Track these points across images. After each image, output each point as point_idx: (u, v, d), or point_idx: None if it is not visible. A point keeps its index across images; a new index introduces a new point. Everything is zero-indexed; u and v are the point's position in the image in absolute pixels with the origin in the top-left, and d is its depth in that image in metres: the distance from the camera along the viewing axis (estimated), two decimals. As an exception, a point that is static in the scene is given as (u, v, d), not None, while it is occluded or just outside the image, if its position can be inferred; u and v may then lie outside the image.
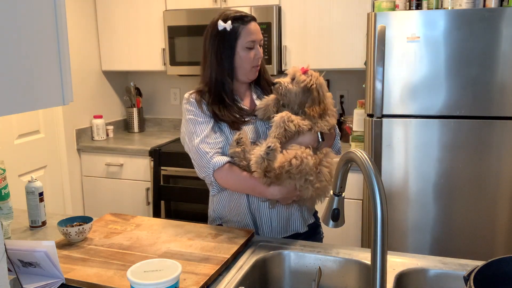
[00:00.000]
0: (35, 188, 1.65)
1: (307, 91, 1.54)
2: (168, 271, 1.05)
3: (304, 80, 1.53)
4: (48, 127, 3.09)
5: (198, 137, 1.59)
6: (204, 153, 1.57)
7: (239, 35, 1.60)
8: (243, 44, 1.60)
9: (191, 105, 1.66)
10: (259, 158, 1.44)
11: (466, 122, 2.34)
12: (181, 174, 2.99)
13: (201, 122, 1.62)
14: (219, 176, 1.58)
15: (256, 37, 1.62)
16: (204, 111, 1.63)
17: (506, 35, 2.22)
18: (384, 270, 0.96)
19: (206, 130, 1.60)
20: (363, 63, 2.68)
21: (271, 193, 1.52)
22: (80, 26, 3.30)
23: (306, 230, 1.69)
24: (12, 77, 0.84)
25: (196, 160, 1.60)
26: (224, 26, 1.60)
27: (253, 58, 1.62)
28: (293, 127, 1.51)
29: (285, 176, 1.48)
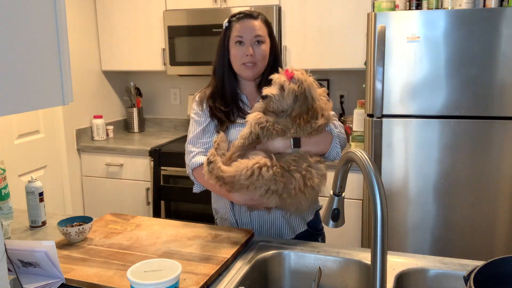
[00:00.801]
0: (35, 188, 1.65)
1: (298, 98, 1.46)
2: (168, 271, 1.05)
3: (293, 89, 1.44)
4: (48, 127, 3.09)
5: (189, 136, 1.69)
6: (188, 151, 1.66)
7: (231, 31, 1.63)
8: (232, 39, 1.62)
9: (194, 103, 1.73)
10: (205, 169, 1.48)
11: (466, 122, 2.34)
12: (181, 174, 2.99)
13: (197, 121, 1.68)
14: (196, 175, 1.65)
15: (244, 33, 1.60)
16: (203, 109, 1.68)
17: (506, 35, 2.22)
18: (384, 270, 0.96)
19: (198, 129, 1.67)
20: (363, 63, 2.68)
21: (234, 199, 1.56)
22: (80, 26, 3.30)
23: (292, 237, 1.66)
24: (12, 77, 0.84)
25: (185, 158, 1.70)
26: (224, 25, 1.67)
27: (241, 55, 1.61)
28: (258, 130, 1.46)
29: (238, 185, 1.44)
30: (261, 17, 1.65)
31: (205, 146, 1.65)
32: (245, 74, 1.65)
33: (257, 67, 1.64)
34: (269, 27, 1.67)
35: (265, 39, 1.64)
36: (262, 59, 1.64)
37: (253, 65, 1.62)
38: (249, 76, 1.65)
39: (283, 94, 1.46)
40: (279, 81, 1.47)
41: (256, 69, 1.64)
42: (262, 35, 1.62)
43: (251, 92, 1.71)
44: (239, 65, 1.63)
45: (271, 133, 1.47)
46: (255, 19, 1.63)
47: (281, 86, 1.46)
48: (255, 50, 1.61)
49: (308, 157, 1.48)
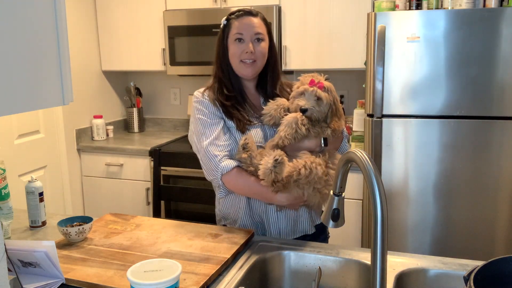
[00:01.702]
0: (35, 188, 1.65)
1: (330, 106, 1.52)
2: (168, 271, 1.05)
3: (327, 99, 1.50)
4: (48, 127, 3.09)
5: (207, 139, 1.57)
6: (212, 156, 1.56)
7: (230, 29, 1.61)
8: (231, 36, 1.60)
9: (201, 104, 1.63)
10: (267, 170, 1.42)
11: (466, 122, 2.34)
12: (181, 174, 2.99)
13: (211, 124, 1.59)
14: (227, 180, 1.57)
15: (244, 30, 1.58)
16: (214, 111, 1.61)
17: (506, 35, 2.22)
18: (384, 270, 0.96)
19: (216, 131, 1.58)
20: (363, 63, 2.68)
21: (279, 200, 1.52)
22: (80, 26, 3.30)
23: (314, 231, 1.67)
24: (12, 77, 0.84)
25: (205, 162, 1.59)
26: (222, 23, 1.64)
27: (240, 52, 1.58)
28: (304, 131, 1.48)
29: (293, 185, 1.46)
30: (260, 15, 1.63)
31: (228, 148, 1.58)
32: (244, 72, 1.61)
33: (257, 65, 1.61)
34: (268, 26, 1.65)
35: (264, 37, 1.62)
36: (261, 57, 1.61)
37: (253, 62, 1.60)
38: (248, 74, 1.62)
39: (320, 103, 1.50)
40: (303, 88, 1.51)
41: (255, 67, 1.61)
42: (262, 32, 1.60)
43: (252, 93, 1.69)
44: (237, 63, 1.60)
45: (311, 134, 1.51)
46: (255, 16, 1.61)
47: (317, 97, 1.49)
48: (255, 47, 1.58)
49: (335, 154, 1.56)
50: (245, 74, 1.62)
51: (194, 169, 2.85)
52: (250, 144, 1.53)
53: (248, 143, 1.52)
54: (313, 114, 1.50)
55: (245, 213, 1.63)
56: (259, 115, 1.63)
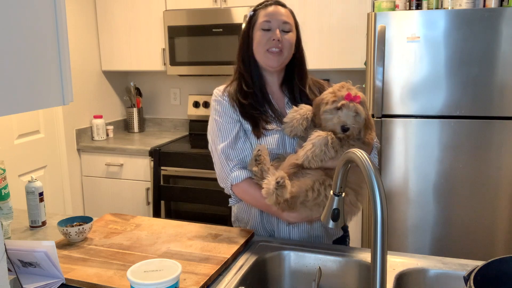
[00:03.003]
0: (35, 188, 1.65)
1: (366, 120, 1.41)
2: (168, 271, 1.05)
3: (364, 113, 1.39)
4: (48, 127, 3.09)
5: (221, 143, 1.52)
6: (225, 163, 1.51)
7: (257, 18, 1.54)
8: (258, 25, 1.53)
9: (219, 104, 1.57)
10: (269, 190, 1.35)
11: (466, 122, 2.34)
12: (181, 174, 2.99)
13: (226, 127, 1.53)
14: (236, 191, 1.53)
15: (272, 17, 1.51)
16: (231, 113, 1.54)
17: (506, 35, 2.22)
18: (384, 270, 0.96)
19: (231, 136, 1.52)
20: (363, 63, 2.68)
21: (286, 218, 1.46)
22: (80, 26, 3.30)
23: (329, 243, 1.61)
24: (12, 77, 0.84)
25: (217, 168, 1.55)
26: (248, 14, 1.58)
27: (266, 40, 1.50)
28: (333, 154, 1.37)
29: (300, 206, 1.39)
30: (288, 8, 1.59)
31: (242, 155, 1.52)
32: (269, 62, 1.52)
33: (283, 55, 1.52)
34: (295, 19, 1.59)
35: (292, 28, 1.55)
36: (288, 47, 1.53)
37: (279, 52, 1.51)
38: (274, 64, 1.52)
39: (358, 119, 1.39)
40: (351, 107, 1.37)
41: (281, 57, 1.52)
42: (289, 22, 1.54)
43: (276, 92, 1.60)
44: (263, 52, 1.51)
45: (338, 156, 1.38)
46: (283, 6, 1.56)
47: (356, 112, 1.38)
48: (282, 36, 1.50)
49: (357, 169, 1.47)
50: (270, 65, 1.53)
51: (194, 169, 2.85)
52: (262, 157, 1.45)
53: (261, 155, 1.44)
54: (353, 132, 1.39)
55: (256, 221, 1.59)
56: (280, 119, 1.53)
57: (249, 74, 1.56)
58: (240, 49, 1.58)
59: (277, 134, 1.52)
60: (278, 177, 1.33)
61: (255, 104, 1.54)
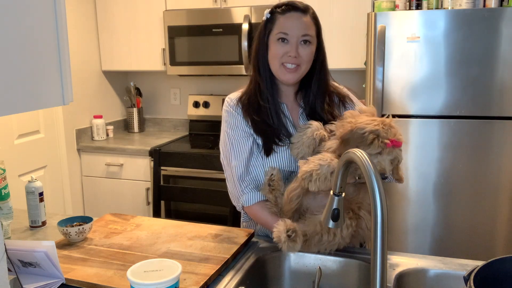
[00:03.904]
0: (35, 188, 1.65)
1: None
2: (168, 271, 1.05)
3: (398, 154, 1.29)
4: (48, 127, 3.09)
5: (234, 160, 1.45)
6: (237, 183, 1.46)
7: (274, 25, 1.41)
8: (274, 35, 1.40)
9: (231, 116, 1.48)
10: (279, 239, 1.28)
11: (466, 122, 2.34)
12: (181, 174, 2.99)
13: (239, 142, 1.46)
14: (248, 212, 1.52)
15: (290, 30, 1.37)
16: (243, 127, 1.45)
17: (506, 35, 2.22)
18: (384, 270, 0.96)
19: (244, 153, 1.44)
20: (363, 63, 2.68)
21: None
22: (80, 26, 3.30)
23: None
24: (12, 77, 0.84)
25: (229, 185, 1.51)
26: (265, 15, 1.44)
27: (282, 53, 1.38)
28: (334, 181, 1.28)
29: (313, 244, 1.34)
30: (311, 13, 1.43)
31: (252, 175, 1.46)
32: (284, 77, 1.42)
33: (300, 71, 1.42)
34: (318, 25, 1.45)
35: (313, 39, 1.42)
36: (307, 62, 1.42)
37: (296, 67, 1.40)
38: (289, 80, 1.43)
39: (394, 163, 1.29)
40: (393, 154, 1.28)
41: (298, 73, 1.42)
42: (310, 34, 1.40)
43: (291, 101, 1.50)
44: (278, 65, 1.40)
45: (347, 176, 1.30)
46: (304, 14, 1.40)
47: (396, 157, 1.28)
48: (300, 50, 1.39)
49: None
50: (285, 80, 1.43)
51: (194, 169, 2.85)
52: (276, 182, 1.38)
53: (274, 180, 1.38)
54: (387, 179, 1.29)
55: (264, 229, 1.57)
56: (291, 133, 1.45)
57: (264, 83, 1.45)
58: (255, 55, 1.47)
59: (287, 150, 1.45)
60: (289, 230, 1.26)
61: (268, 120, 1.45)
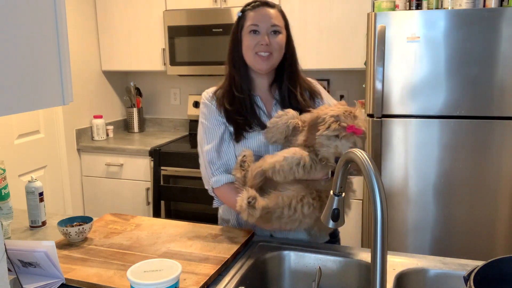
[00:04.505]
0: (35, 188, 1.65)
1: None
2: (168, 271, 1.05)
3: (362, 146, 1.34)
4: (48, 127, 3.09)
5: (206, 145, 1.56)
6: (208, 166, 1.55)
7: (245, 20, 1.53)
8: (246, 28, 1.52)
9: (206, 107, 1.60)
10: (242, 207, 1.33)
11: (466, 122, 2.34)
12: (181, 174, 2.99)
13: (212, 129, 1.56)
14: (217, 193, 1.58)
15: (259, 21, 1.50)
16: (217, 116, 1.56)
17: (506, 35, 2.22)
18: (384, 270, 0.96)
19: (216, 139, 1.55)
20: (363, 63, 2.68)
21: (263, 226, 1.47)
22: (80, 26, 3.30)
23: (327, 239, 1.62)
24: (12, 77, 0.84)
25: (202, 170, 1.60)
26: (238, 15, 1.57)
27: (254, 43, 1.50)
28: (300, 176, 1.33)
29: (274, 219, 1.38)
30: (277, 7, 1.56)
31: (223, 160, 1.55)
32: (259, 66, 1.52)
33: (272, 58, 1.53)
34: (286, 19, 1.57)
35: (281, 29, 1.54)
36: (278, 49, 1.53)
37: (269, 55, 1.51)
38: (263, 68, 1.53)
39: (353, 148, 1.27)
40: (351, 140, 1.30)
41: (271, 61, 1.52)
42: (279, 24, 1.53)
43: (265, 93, 1.60)
44: (252, 55, 1.51)
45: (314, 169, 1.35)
46: (272, 7, 1.54)
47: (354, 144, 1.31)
48: (271, 39, 1.51)
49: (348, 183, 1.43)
50: (260, 68, 1.54)
51: (194, 169, 2.84)
52: (247, 163, 1.44)
53: (246, 162, 1.44)
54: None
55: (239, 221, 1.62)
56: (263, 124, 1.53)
57: (238, 76, 1.56)
58: (229, 51, 1.58)
59: (260, 136, 1.54)
60: (250, 197, 1.32)
61: (240, 110, 1.55)
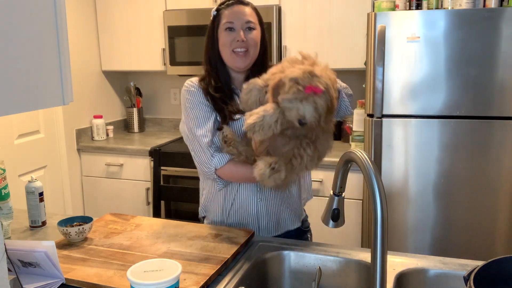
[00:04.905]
0: (35, 188, 1.65)
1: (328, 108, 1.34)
2: (168, 271, 1.05)
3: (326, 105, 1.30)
4: (48, 127, 3.09)
5: (199, 129, 1.56)
6: (205, 150, 1.54)
7: (220, 19, 1.57)
8: (221, 26, 1.56)
9: (192, 94, 1.62)
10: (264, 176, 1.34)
11: (466, 122, 2.34)
12: (181, 174, 2.99)
13: (203, 115, 1.58)
14: (222, 174, 1.56)
15: (234, 18, 1.54)
16: (205, 102, 1.59)
17: (506, 35, 2.22)
18: (384, 270, 0.96)
19: (209, 123, 1.56)
20: (363, 63, 2.68)
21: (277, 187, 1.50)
22: (80, 26, 3.30)
23: (298, 226, 1.70)
24: (12, 77, 0.84)
25: (197, 155, 1.58)
26: (213, 13, 1.61)
27: (230, 40, 1.54)
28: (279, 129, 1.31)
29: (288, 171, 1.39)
30: (251, 5, 1.60)
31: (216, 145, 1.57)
32: (236, 63, 1.56)
33: (249, 55, 1.56)
34: (259, 15, 1.61)
35: (256, 25, 1.58)
36: (254, 45, 1.57)
37: (245, 52, 1.55)
38: (241, 66, 1.57)
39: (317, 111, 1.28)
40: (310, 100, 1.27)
41: (248, 58, 1.56)
42: (253, 21, 1.57)
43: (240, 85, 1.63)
44: (229, 53, 1.55)
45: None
46: (245, 5, 1.58)
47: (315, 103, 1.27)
48: (246, 35, 1.54)
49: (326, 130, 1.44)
50: (237, 66, 1.57)
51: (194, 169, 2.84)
52: (229, 136, 1.50)
53: (227, 135, 1.49)
54: (311, 124, 1.30)
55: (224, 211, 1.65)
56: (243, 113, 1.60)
57: (215, 74, 1.61)
58: (206, 50, 1.62)
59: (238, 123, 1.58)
60: (272, 163, 1.33)
61: (224, 98, 1.59)
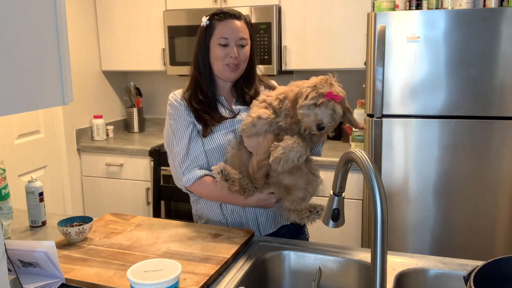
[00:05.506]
0: (35, 188, 1.65)
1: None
2: (168, 271, 1.05)
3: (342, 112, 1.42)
4: (48, 127, 3.09)
5: (175, 147, 1.62)
6: (178, 167, 1.61)
7: (214, 31, 1.60)
8: (215, 40, 1.59)
9: (173, 108, 1.67)
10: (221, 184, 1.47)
11: (466, 122, 2.34)
12: (181, 174, 2.99)
13: (180, 130, 1.63)
14: (192, 190, 1.64)
15: (229, 34, 1.58)
16: (185, 116, 1.63)
17: (506, 35, 2.22)
18: (384, 270, 0.96)
19: (184, 140, 1.61)
20: (363, 63, 2.68)
21: (246, 202, 1.55)
22: (80, 26, 3.30)
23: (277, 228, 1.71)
24: (12, 77, 0.84)
25: (172, 169, 1.65)
26: (204, 22, 1.63)
27: (224, 56, 1.58)
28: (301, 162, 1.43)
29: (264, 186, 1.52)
30: (243, 18, 1.63)
31: (192, 157, 1.61)
32: (227, 75, 1.62)
33: (240, 69, 1.62)
34: (250, 28, 1.65)
35: (248, 41, 1.63)
36: (244, 61, 1.63)
37: (236, 66, 1.61)
38: (231, 78, 1.63)
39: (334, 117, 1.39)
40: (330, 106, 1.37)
41: (238, 71, 1.62)
42: (246, 37, 1.61)
43: (228, 94, 1.70)
44: (221, 66, 1.60)
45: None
46: (239, 19, 1.61)
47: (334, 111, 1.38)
48: (239, 52, 1.59)
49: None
50: (227, 77, 1.63)
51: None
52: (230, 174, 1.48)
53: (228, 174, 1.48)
54: (328, 130, 1.40)
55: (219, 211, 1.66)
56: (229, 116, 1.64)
57: (203, 81, 1.65)
58: (195, 55, 1.65)
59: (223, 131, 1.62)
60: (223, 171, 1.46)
61: (207, 109, 1.64)
